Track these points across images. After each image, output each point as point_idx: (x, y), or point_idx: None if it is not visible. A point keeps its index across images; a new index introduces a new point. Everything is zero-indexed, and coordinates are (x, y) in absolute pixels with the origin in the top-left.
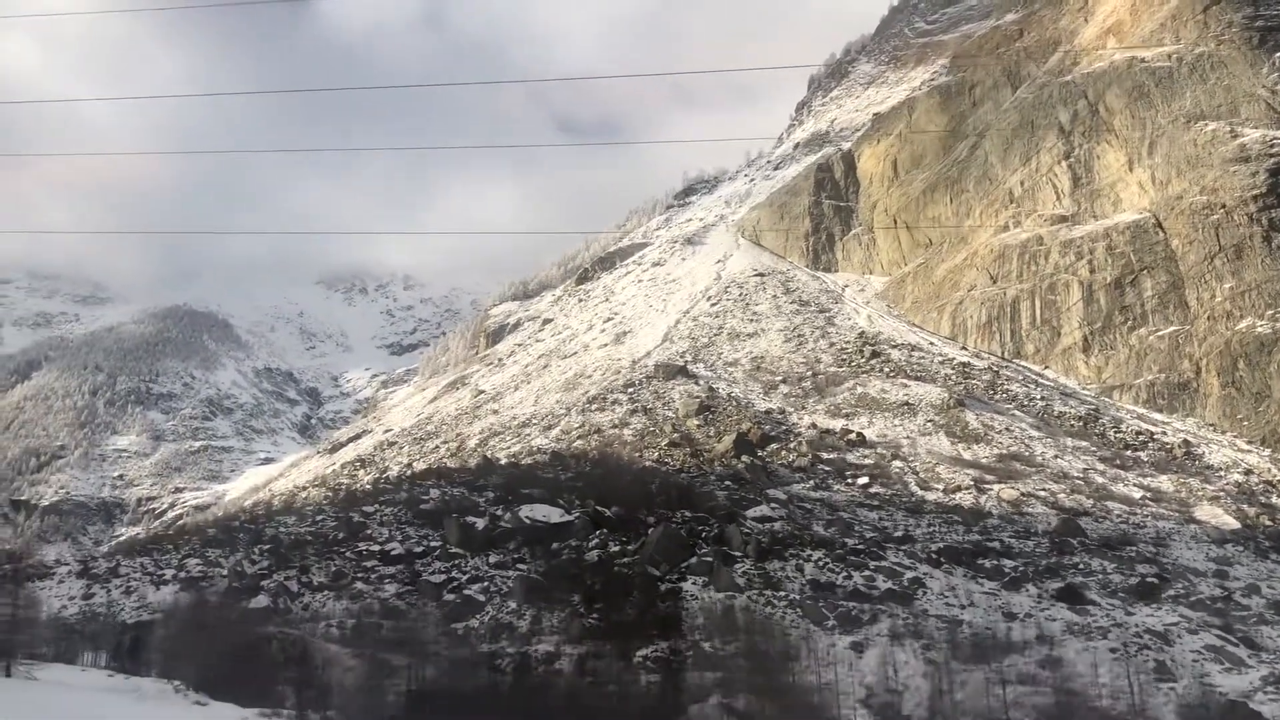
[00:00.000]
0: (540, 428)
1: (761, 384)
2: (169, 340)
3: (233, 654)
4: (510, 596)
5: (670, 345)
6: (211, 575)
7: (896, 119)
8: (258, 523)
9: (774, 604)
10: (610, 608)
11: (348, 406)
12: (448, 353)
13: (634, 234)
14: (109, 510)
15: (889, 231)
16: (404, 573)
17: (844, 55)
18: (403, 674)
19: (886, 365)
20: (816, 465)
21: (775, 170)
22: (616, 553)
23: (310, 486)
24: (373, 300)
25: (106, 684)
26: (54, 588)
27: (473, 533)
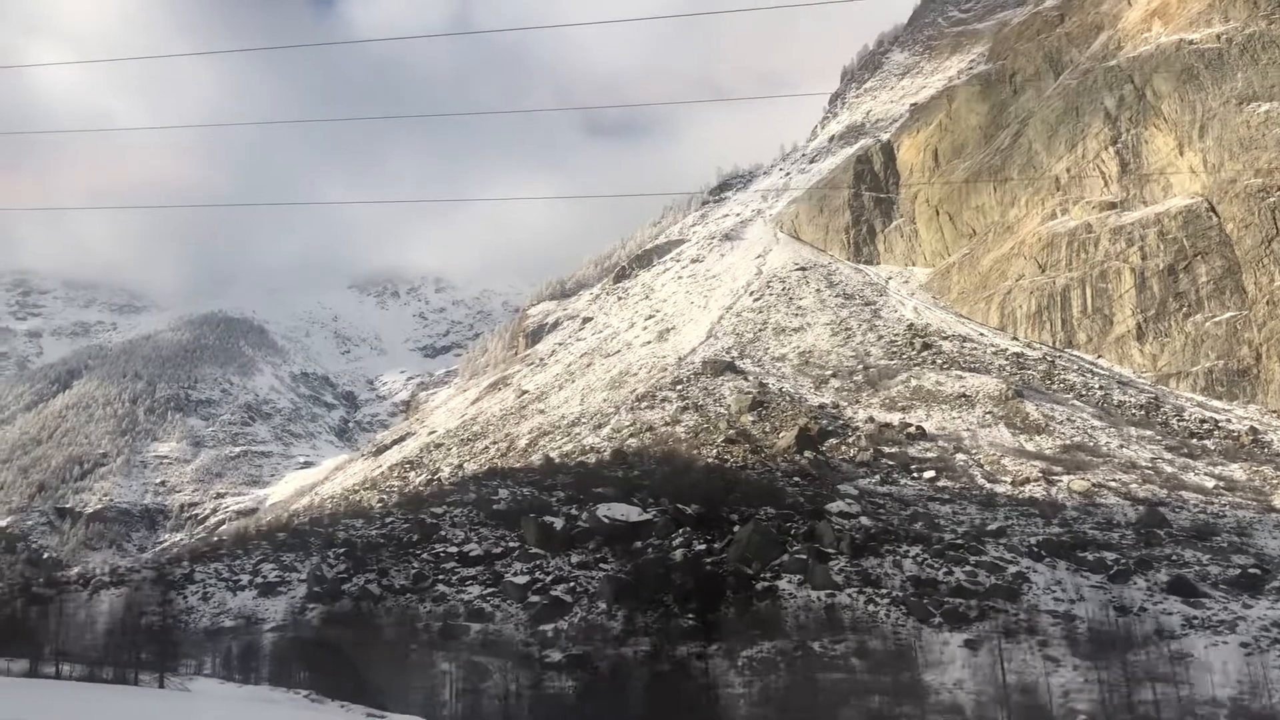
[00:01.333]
0: (590, 427)
1: (811, 379)
2: (206, 347)
3: (360, 661)
4: (598, 597)
5: (715, 341)
6: (289, 580)
7: (936, 108)
8: (326, 526)
9: (876, 602)
10: (705, 607)
11: (384, 409)
12: (486, 353)
13: (670, 231)
14: (152, 517)
15: (931, 222)
16: (484, 574)
17: (877, 46)
18: (498, 677)
19: (939, 357)
20: (879, 460)
21: (811, 164)
22: (702, 551)
23: (361, 489)
24: (405, 303)
25: (259, 694)
26: (130, 594)
27: (551, 532)
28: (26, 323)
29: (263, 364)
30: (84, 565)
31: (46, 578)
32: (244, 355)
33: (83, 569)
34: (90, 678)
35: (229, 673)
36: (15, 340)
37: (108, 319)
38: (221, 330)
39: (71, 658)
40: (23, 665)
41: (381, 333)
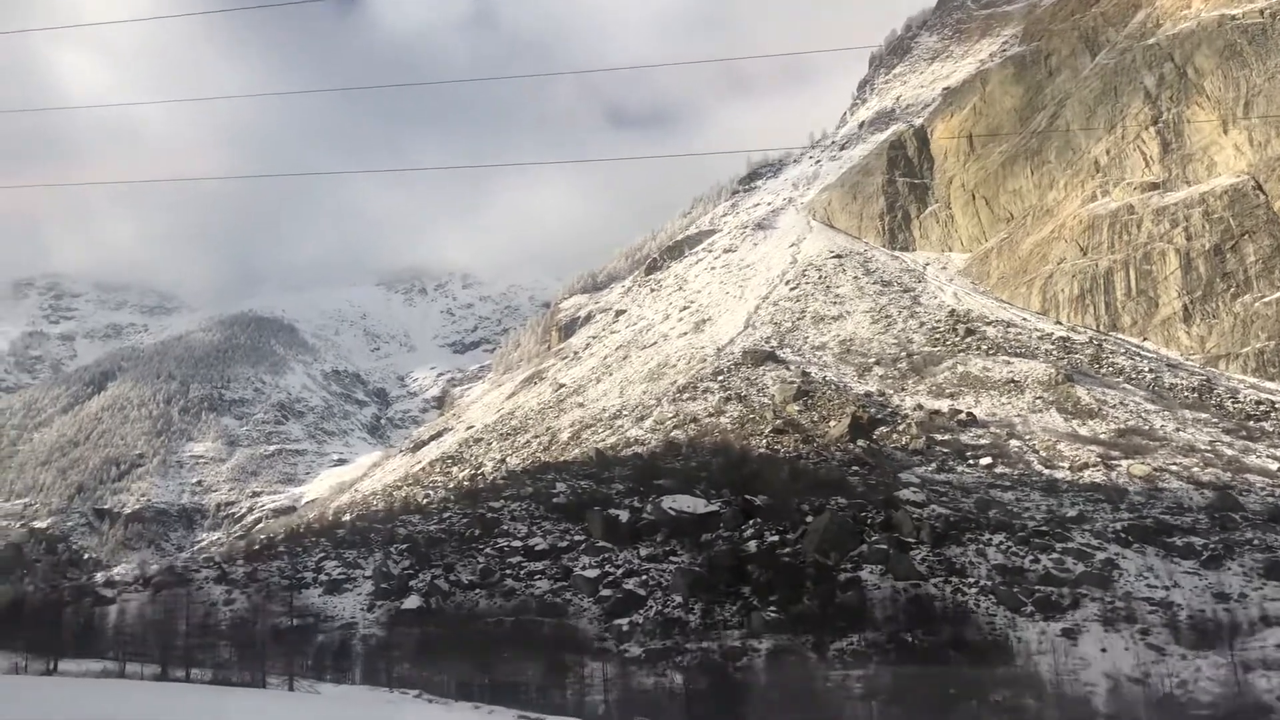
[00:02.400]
0: (632, 419)
1: (854, 367)
2: (238, 346)
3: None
4: (672, 590)
5: (753, 331)
6: (354, 577)
7: (969, 92)
8: (384, 522)
9: (963, 591)
10: (786, 600)
11: (415, 406)
12: (519, 348)
13: (700, 221)
14: (189, 516)
15: (967, 207)
16: (552, 568)
17: (905, 31)
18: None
19: (983, 343)
20: (933, 447)
21: (841, 150)
22: (776, 542)
23: (404, 485)
24: (432, 300)
25: (382, 697)
26: (193, 594)
27: (617, 525)
28: (59, 326)
29: (294, 362)
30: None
31: (106, 578)
32: (275, 354)
33: (140, 568)
34: (218, 681)
35: (319, 673)
36: (49, 344)
37: (139, 320)
38: (252, 329)
39: (176, 659)
40: (153, 669)
41: (410, 329)
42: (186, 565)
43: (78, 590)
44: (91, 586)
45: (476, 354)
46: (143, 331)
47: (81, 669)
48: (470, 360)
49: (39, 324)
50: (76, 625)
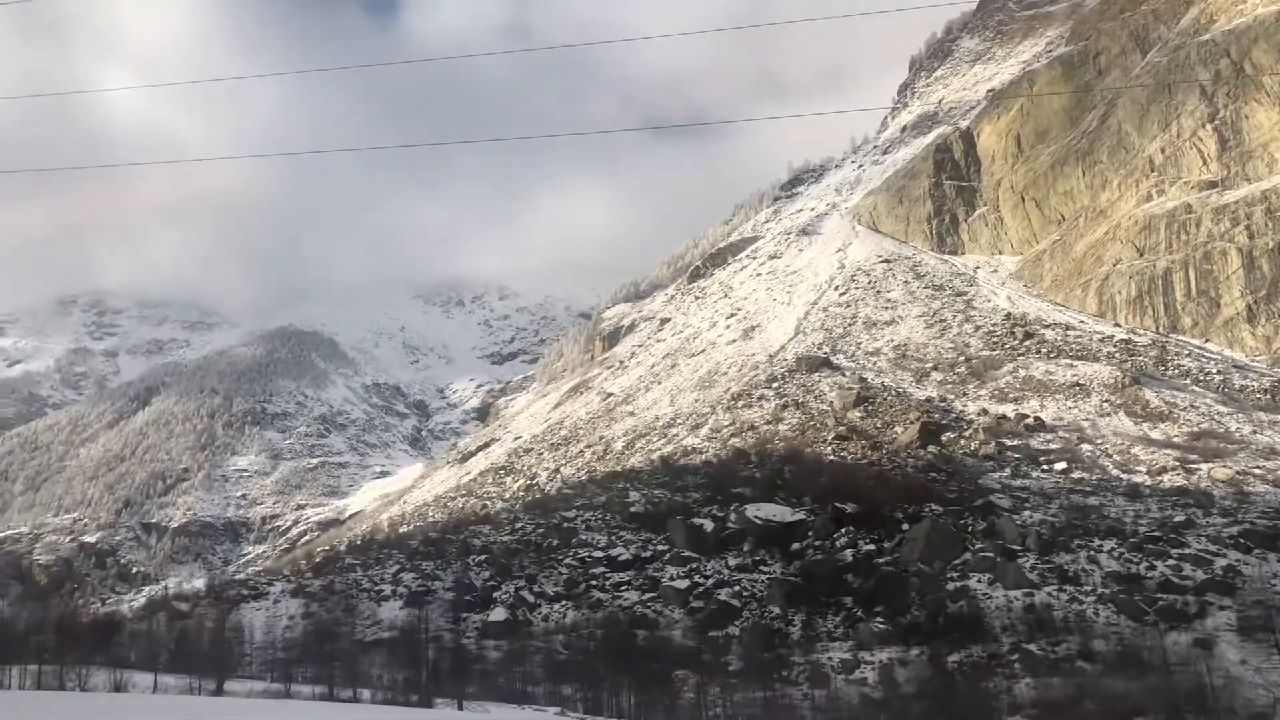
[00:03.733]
0: (686, 427)
1: (911, 372)
2: (279, 361)
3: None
4: (769, 601)
5: (804, 338)
6: (433, 589)
7: (1016, 93)
8: (455, 533)
9: (1080, 600)
10: (893, 610)
11: (455, 417)
12: (563, 358)
13: (742, 228)
14: (235, 529)
15: (1017, 209)
16: (638, 579)
17: (945, 34)
18: (675, 684)
19: (1042, 346)
20: (1004, 452)
21: (884, 155)
22: (872, 551)
23: (457, 496)
24: (470, 312)
25: (532, 717)
26: (270, 608)
27: (701, 535)
28: (103, 342)
29: (335, 376)
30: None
31: (176, 591)
32: (316, 368)
33: (210, 582)
34: (388, 701)
35: (437, 687)
36: (93, 360)
37: (180, 336)
38: (293, 344)
39: (325, 677)
40: (320, 689)
41: (448, 341)
42: (255, 578)
43: (150, 604)
44: (165, 600)
45: (515, 365)
46: (184, 347)
47: (246, 689)
48: (508, 371)
49: (83, 340)
50: (171, 641)
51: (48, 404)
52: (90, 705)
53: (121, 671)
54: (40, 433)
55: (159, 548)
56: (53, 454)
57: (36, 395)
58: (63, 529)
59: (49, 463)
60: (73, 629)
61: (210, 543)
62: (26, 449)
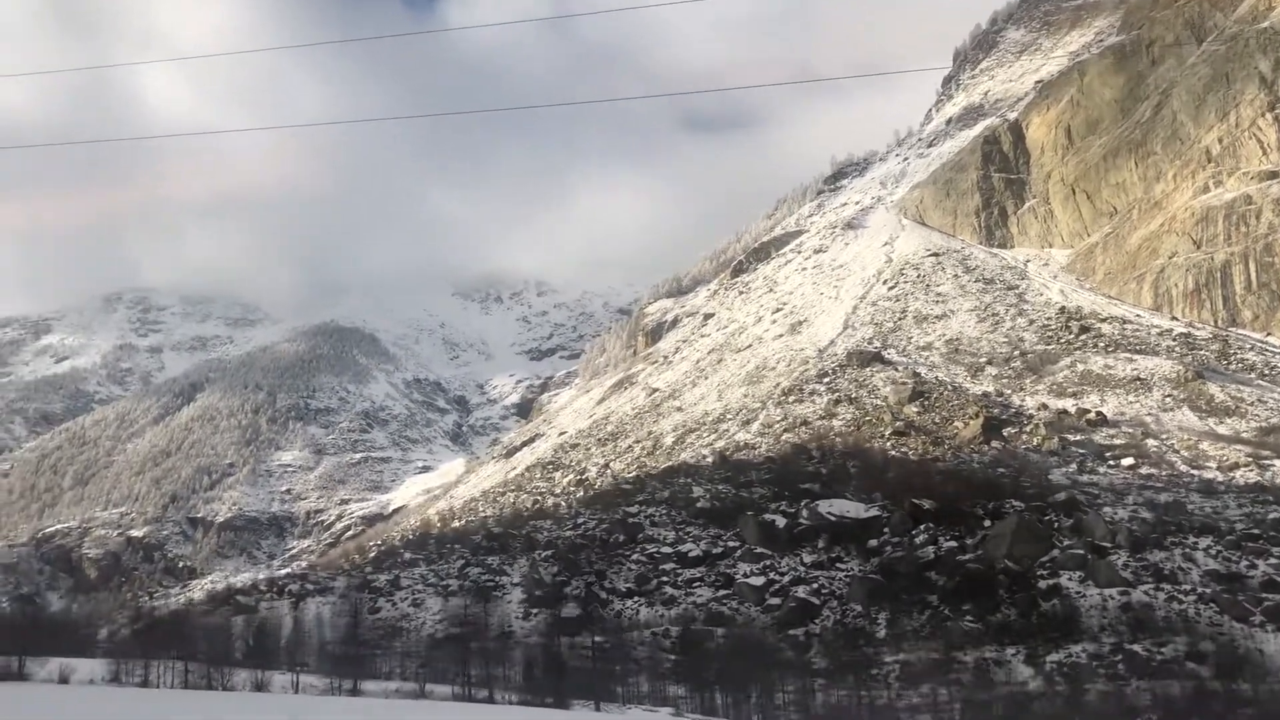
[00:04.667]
0: (737, 422)
1: (965, 367)
2: (321, 357)
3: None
4: (850, 599)
5: (853, 332)
6: (500, 584)
7: (1065, 84)
8: (516, 528)
9: (1179, 599)
10: (981, 609)
11: (495, 413)
12: (605, 354)
13: (786, 222)
14: (280, 524)
15: (1067, 201)
16: (710, 575)
17: (990, 25)
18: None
19: (1099, 340)
20: (1067, 448)
21: (929, 148)
22: (954, 548)
23: (506, 491)
24: (508, 308)
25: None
26: (335, 603)
27: (774, 531)
28: (148, 339)
29: (376, 371)
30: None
31: (242, 586)
32: (358, 364)
33: (270, 577)
34: (524, 702)
35: (529, 685)
36: (138, 356)
37: (224, 333)
38: (335, 340)
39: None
40: (446, 690)
41: (487, 337)
42: (315, 573)
43: (212, 598)
44: (228, 594)
45: (553, 360)
46: (228, 343)
47: (381, 689)
48: (547, 367)
49: (128, 337)
50: (248, 636)
51: (94, 400)
52: (282, 705)
53: (261, 671)
54: (88, 428)
55: (205, 542)
56: (100, 449)
57: (83, 391)
58: (111, 523)
59: (96, 458)
60: (163, 625)
61: (255, 537)
62: (75, 444)
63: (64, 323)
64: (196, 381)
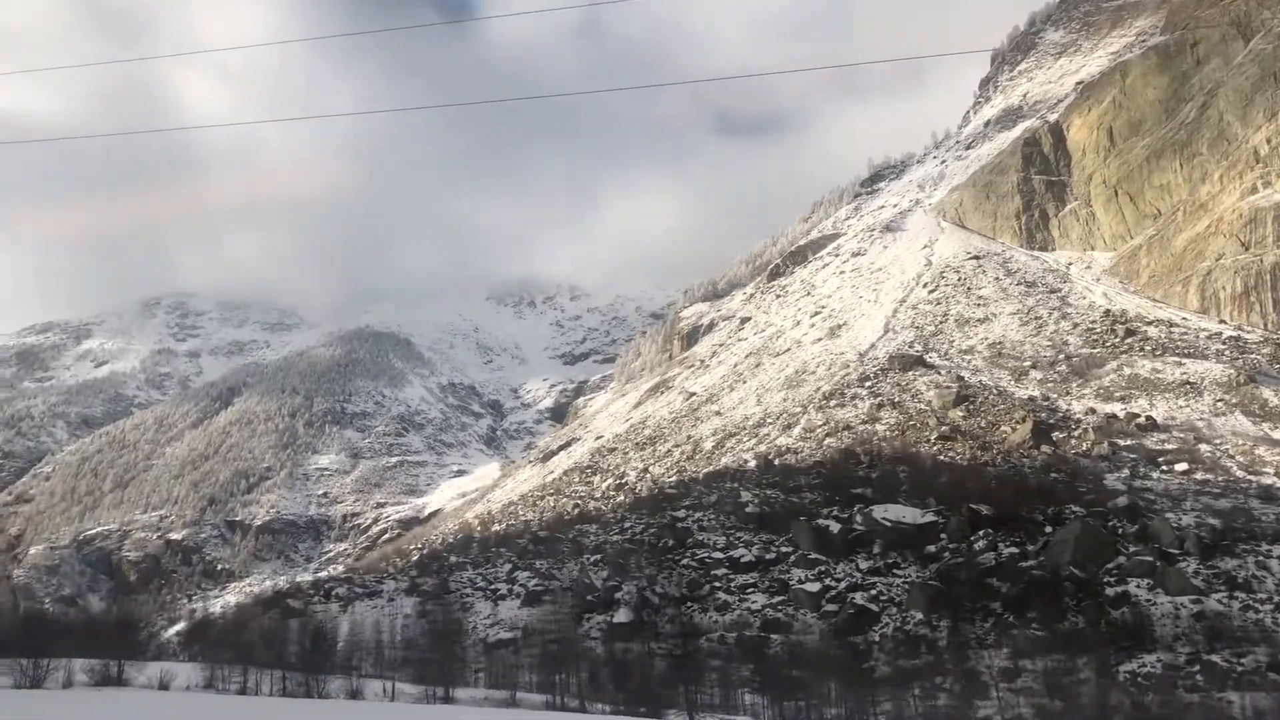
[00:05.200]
0: (778, 427)
1: (1009, 370)
2: (357, 361)
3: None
4: (910, 606)
5: (894, 336)
6: (550, 589)
7: (1107, 85)
8: (560, 532)
9: (1255, 608)
10: (1048, 616)
11: (530, 417)
12: (640, 358)
13: (822, 225)
14: (316, 527)
15: (1110, 204)
16: (764, 581)
17: (1029, 27)
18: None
19: (1146, 344)
20: (1118, 453)
21: (967, 150)
22: (1016, 554)
23: (545, 494)
24: (541, 313)
25: None
26: (384, 606)
27: (826, 536)
28: (186, 343)
29: (412, 376)
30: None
31: (289, 588)
32: (394, 368)
33: (316, 579)
34: (619, 713)
35: (595, 691)
36: (177, 361)
37: (260, 337)
38: (370, 344)
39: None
40: (538, 699)
41: (520, 342)
42: (359, 575)
43: (260, 602)
44: (278, 597)
45: (587, 365)
46: (264, 348)
47: (470, 696)
48: (580, 371)
49: (166, 341)
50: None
51: (133, 403)
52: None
53: (356, 678)
54: (128, 431)
55: (243, 545)
56: (139, 452)
57: (123, 395)
58: (150, 526)
59: (136, 461)
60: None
61: (293, 540)
62: (115, 447)
63: (103, 327)
64: (234, 386)
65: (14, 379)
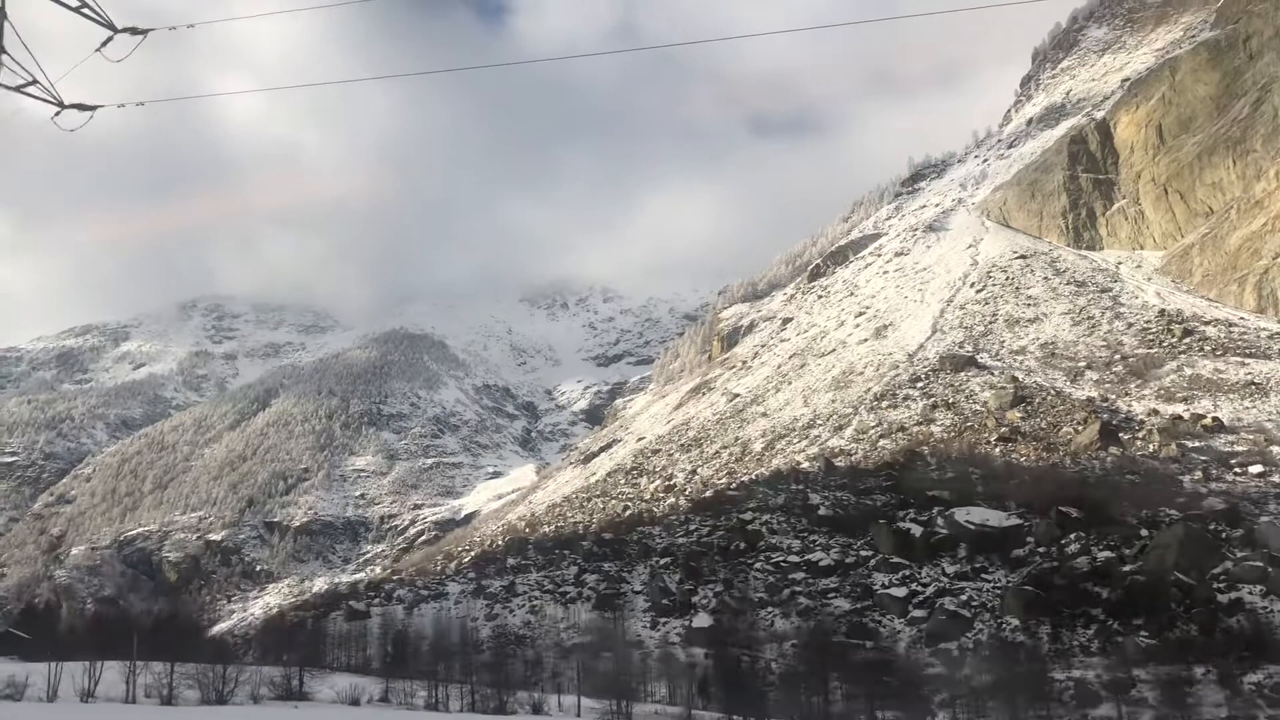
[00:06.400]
0: (829, 428)
1: (1063, 371)
2: (393, 363)
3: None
4: (1006, 612)
5: (943, 336)
6: (622, 592)
7: (1156, 81)
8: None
9: None
10: (1156, 624)
11: (564, 419)
12: (678, 359)
13: (863, 225)
14: (354, 528)
15: (1159, 202)
16: (845, 585)
17: (1070, 24)
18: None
19: (1205, 344)
20: (1187, 454)
21: (1010, 149)
22: (1112, 559)
23: (591, 496)
24: (574, 314)
25: None
26: (450, 608)
27: (908, 539)
28: (222, 346)
29: (446, 378)
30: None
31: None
32: (429, 370)
33: (369, 580)
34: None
35: (705, 702)
36: (214, 363)
37: (296, 339)
38: (405, 346)
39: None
40: (677, 710)
41: (554, 343)
42: (417, 577)
43: (318, 602)
44: (337, 598)
45: (620, 367)
46: (300, 350)
47: (642, 712)
48: (614, 373)
49: (203, 344)
50: (386, 645)
51: (171, 405)
52: None
53: (537, 693)
54: (166, 433)
55: (281, 546)
56: (178, 454)
57: (161, 397)
58: (189, 527)
59: (175, 462)
60: (303, 630)
61: (330, 541)
62: (154, 449)
63: (141, 330)
64: (271, 388)
65: (54, 381)
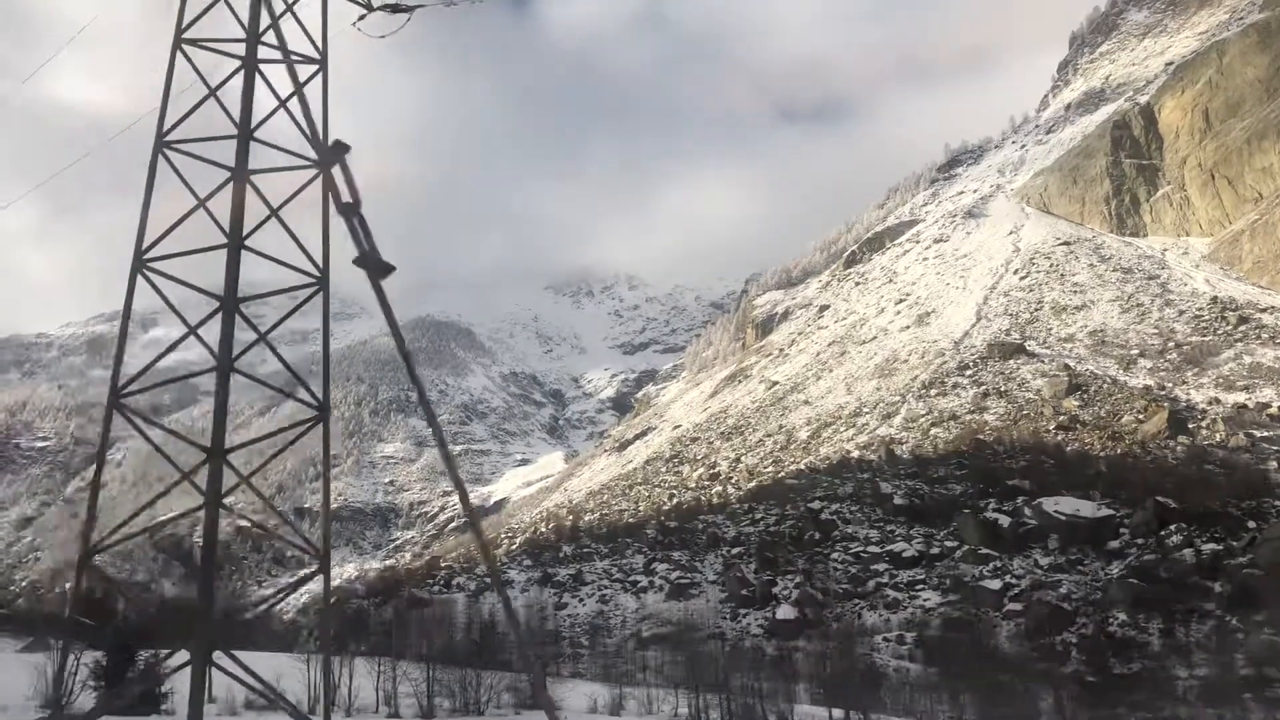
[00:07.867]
0: (876, 416)
1: (1115, 359)
2: (420, 350)
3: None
4: (1111, 605)
5: (989, 324)
6: (696, 581)
7: (1202, 65)
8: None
9: None
10: (1276, 619)
11: (591, 406)
12: (711, 347)
13: (899, 212)
14: (384, 515)
15: (1206, 187)
16: (932, 577)
17: (1109, 8)
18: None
19: (1262, 331)
20: (1257, 444)
21: (1048, 134)
22: (1218, 551)
23: (634, 484)
24: (600, 302)
25: None
26: (518, 597)
27: (997, 530)
28: (249, 332)
29: (474, 365)
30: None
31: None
32: (456, 357)
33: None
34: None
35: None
36: None
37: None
38: (432, 333)
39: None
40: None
41: (580, 331)
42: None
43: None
44: (395, 584)
45: (647, 355)
46: None
47: (808, 714)
48: (640, 361)
49: None
50: (473, 637)
51: (200, 391)
52: None
53: (781, 701)
54: (196, 419)
55: (311, 532)
56: (209, 440)
57: (189, 383)
58: (221, 513)
59: None
60: None
61: (360, 528)
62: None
63: (169, 316)
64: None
65: (84, 366)
